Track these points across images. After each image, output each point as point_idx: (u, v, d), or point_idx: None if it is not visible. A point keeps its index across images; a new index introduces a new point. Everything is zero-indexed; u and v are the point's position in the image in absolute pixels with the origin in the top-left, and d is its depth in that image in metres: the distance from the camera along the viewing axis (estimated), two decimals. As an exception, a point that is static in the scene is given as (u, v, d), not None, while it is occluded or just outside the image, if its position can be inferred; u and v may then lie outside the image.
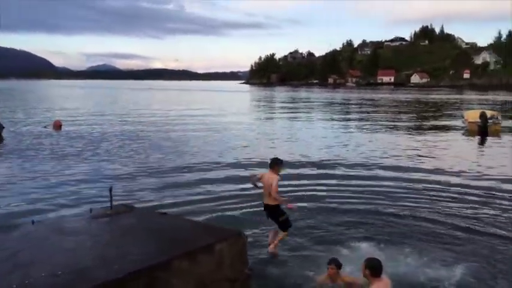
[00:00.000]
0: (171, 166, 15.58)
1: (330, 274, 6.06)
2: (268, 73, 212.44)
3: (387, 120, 33.70)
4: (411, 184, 12.91)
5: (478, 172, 14.90)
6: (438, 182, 13.10)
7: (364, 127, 28.86)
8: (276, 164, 7.52)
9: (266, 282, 6.55)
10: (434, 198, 11.40)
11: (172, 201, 10.82)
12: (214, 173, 14.32)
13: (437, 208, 10.52)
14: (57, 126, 27.50)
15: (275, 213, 7.51)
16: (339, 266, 6.06)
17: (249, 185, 8.79)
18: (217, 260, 4.62)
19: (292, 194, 11.08)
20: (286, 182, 10.66)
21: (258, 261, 7.19)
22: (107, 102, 60.22)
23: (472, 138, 24.34)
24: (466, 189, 12.23)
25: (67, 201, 10.87)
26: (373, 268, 5.29)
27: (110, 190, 5.70)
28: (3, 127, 23.60)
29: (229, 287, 4.76)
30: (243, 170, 14.76)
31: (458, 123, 29.95)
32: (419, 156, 18.12)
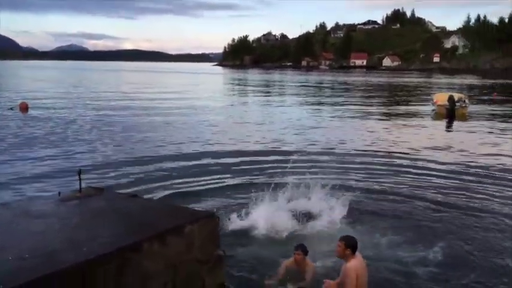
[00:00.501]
0: (141, 149, 15.44)
1: (297, 260, 6.12)
2: (242, 55, 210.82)
3: (359, 105, 34.06)
4: (378, 166, 13.22)
5: (442, 154, 15.37)
6: (404, 165, 13.42)
7: (336, 111, 29.05)
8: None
9: (238, 264, 6.63)
10: (402, 178, 11.75)
11: (143, 184, 10.75)
12: (185, 157, 14.26)
13: (404, 188, 10.84)
14: (24, 108, 26.71)
15: None
16: (305, 252, 6.11)
17: (220, 167, 8.78)
18: (188, 241, 4.63)
19: (261, 174, 11.19)
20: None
21: (230, 243, 7.26)
22: (75, 84, 58.63)
23: (439, 121, 24.96)
24: (432, 171, 12.64)
25: (35, 184, 10.66)
26: (353, 247, 5.45)
27: (79, 173, 5.60)
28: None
29: (200, 268, 4.79)
30: (215, 154, 14.77)
31: (427, 108, 30.43)
32: (387, 139, 18.47)
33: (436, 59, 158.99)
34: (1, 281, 3.31)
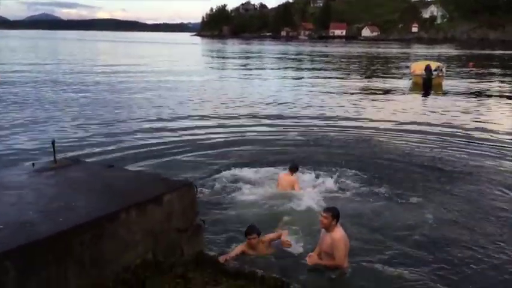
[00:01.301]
0: (118, 120, 15.28)
1: (252, 244, 5.87)
2: (220, 25, 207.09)
3: (337, 77, 33.62)
4: (358, 135, 13.39)
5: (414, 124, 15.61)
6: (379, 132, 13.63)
7: (315, 84, 28.44)
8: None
9: (215, 231, 6.69)
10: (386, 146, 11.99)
11: (120, 154, 10.66)
12: (162, 127, 14.15)
13: (387, 156, 11.05)
14: (-6, 79, 25.84)
15: None
16: (259, 233, 5.91)
17: (199, 136, 8.69)
18: (166, 211, 4.62)
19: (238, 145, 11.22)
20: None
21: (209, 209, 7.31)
22: (47, 54, 56.86)
23: (416, 92, 25.08)
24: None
25: (7, 156, 10.43)
26: (338, 216, 5.56)
27: (53, 143, 5.46)
28: None
29: (180, 236, 4.80)
30: (191, 123, 14.71)
31: (404, 80, 30.25)
32: (362, 111, 18.56)
33: (415, 29, 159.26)
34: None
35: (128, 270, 4.18)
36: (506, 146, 12.29)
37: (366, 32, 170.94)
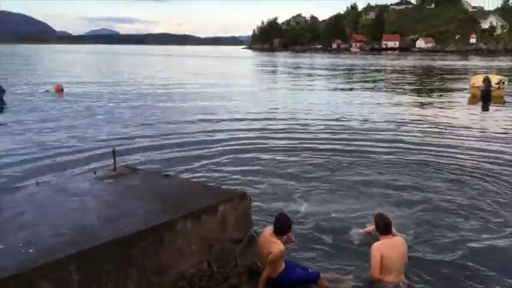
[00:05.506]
0: (175, 130, 15.64)
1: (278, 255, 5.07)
2: (271, 38, 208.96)
3: (392, 91, 32.47)
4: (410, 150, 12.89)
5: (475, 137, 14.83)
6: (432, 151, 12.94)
7: (367, 97, 27.32)
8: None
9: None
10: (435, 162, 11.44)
11: (175, 164, 10.89)
12: (217, 139, 14.28)
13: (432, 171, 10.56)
14: (59, 90, 27.40)
15: None
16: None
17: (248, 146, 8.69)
18: (221, 220, 4.64)
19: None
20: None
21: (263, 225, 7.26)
22: (109, 67, 59.75)
23: (473, 104, 23.95)
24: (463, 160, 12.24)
25: (71, 163, 10.95)
26: (379, 227, 5.55)
27: (113, 152, 5.68)
28: (4, 91, 23.52)
29: (234, 247, 4.81)
30: (248, 136, 14.75)
31: (463, 95, 28.73)
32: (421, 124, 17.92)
33: (473, 40, 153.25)
34: (43, 254, 3.39)
35: (183, 279, 4.22)
36: None
37: (420, 44, 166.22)
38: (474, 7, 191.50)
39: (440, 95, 28.75)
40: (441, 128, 16.38)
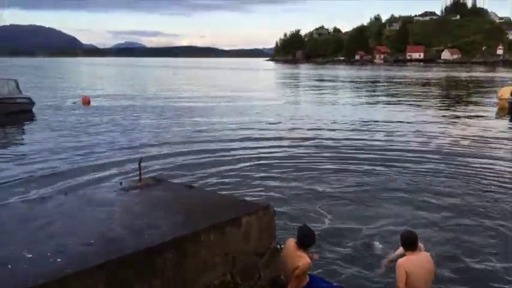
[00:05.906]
0: (199, 141, 15.79)
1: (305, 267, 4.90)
2: (294, 50, 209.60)
3: (418, 104, 31.82)
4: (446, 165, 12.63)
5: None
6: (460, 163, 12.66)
7: (390, 111, 26.64)
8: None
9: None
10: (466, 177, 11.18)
11: (200, 175, 10.96)
12: (242, 151, 14.31)
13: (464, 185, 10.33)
14: (86, 102, 28.03)
15: None
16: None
17: (271, 161, 8.66)
18: (245, 233, 4.64)
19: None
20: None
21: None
22: (135, 80, 60.92)
23: (502, 117, 23.41)
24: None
25: (98, 174, 11.15)
26: (404, 244, 5.43)
27: (139, 163, 5.77)
28: (34, 103, 24.19)
29: (257, 260, 4.79)
30: (271, 148, 14.75)
31: (490, 108, 27.90)
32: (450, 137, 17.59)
33: (500, 52, 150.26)
34: (71, 263, 3.45)
35: (207, 291, 4.23)
36: None
37: (445, 55, 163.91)
38: (501, 18, 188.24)
39: (468, 107, 28.21)
40: (470, 141, 16.05)
